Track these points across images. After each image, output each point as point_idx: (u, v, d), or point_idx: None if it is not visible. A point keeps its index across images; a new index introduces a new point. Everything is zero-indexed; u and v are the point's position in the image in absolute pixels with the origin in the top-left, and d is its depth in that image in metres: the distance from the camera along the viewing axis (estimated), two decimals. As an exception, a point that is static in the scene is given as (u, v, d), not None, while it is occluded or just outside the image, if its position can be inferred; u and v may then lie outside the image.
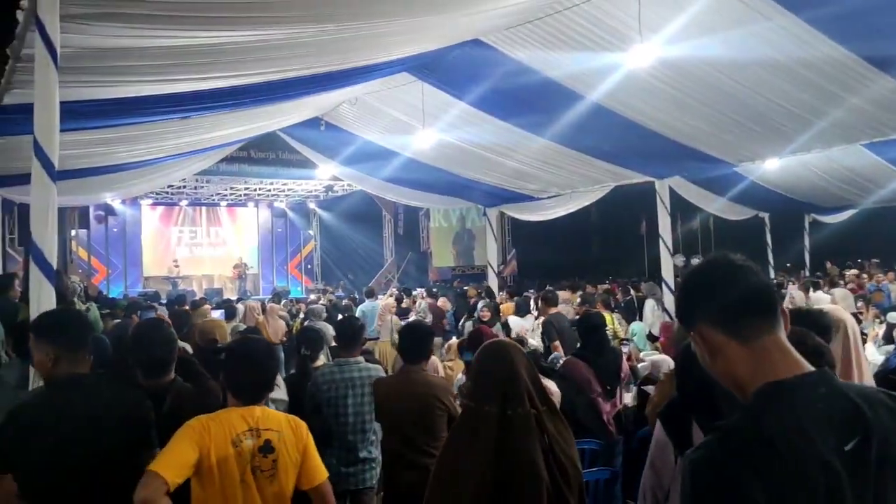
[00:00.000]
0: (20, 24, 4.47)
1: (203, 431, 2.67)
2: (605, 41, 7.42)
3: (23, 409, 2.83)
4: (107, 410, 2.78)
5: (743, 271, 1.50)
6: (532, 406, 2.42)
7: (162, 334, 3.34)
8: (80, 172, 9.87)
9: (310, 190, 23.48)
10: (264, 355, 2.97)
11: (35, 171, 3.99)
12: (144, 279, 23.56)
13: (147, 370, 3.22)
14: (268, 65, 6.62)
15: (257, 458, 2.74)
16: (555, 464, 2.36)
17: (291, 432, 2.85)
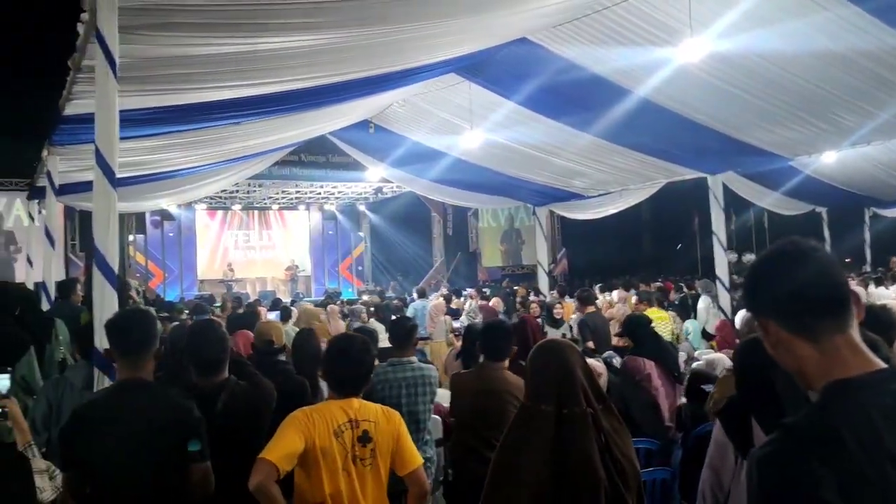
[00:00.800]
0: (80, 37, 4.60)
1: (308, 423, 2.81)
2: (655, 36, 7.33)
3: (81, 412, 2.91)
4: (155, 418, 2.81)
5: (815, 264, 1.40)
6: (588, 405, 2.40)
7: (214, 334, 3.39)
8: (138, 179, 10.12)
9: (359, 192, 23.70)
10: (360, 350, 3.10)
11: (97, 179, 4.10)
12: (200, 282, 24.04)
13: (200, 369, 3.28)
14: (318, 69, 6.70)
15: (357, 448, 2.87)
16: (612, 462, 2.34)
17: (386, 421, 2.99)
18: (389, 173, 15.97)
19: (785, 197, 14.36)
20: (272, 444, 2.74)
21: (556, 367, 2.47)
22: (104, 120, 4.12)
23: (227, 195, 22.36)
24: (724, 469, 2.67)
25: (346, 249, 27.43)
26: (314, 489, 2.81)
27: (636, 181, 12.84)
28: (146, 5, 4.20)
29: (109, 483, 2.75)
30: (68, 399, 3.93)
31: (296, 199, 24.64)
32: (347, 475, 2.83)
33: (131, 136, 6.85)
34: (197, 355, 3.27)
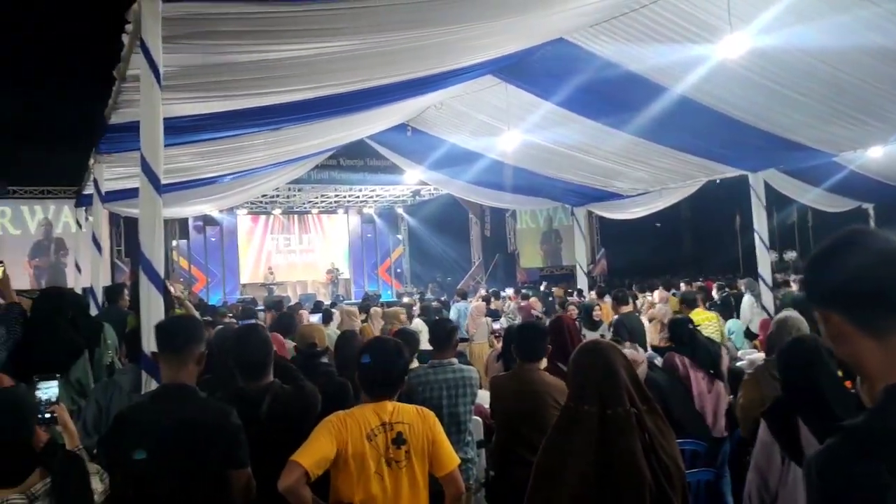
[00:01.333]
0: (125, 47, 4.70)
1: (340, 426, 2.83)
2: (693, 33, 7.26)
3: (122, 416, 2.96)
4: (193, 422, 2.83)
5: (883, 256, 1.31)
6: (632, 405, 2.39)
7: (258, 338, 3.40)
8: (182, 185, 10.32)
9: (397, 195, 23.81)
10: (393, 353, 3.10)
11: (142, 186, 4.18)
12: (242, 286, 24.36)
13: (245, 373, 3.30)
14: (356, 74, 6.77)
15: (391, 451, 2.88)
16: (657, 463, 2.33)
17: (421, 422, 2.99)
18: (427, 176, 16.05)
19: (828, 193, 14.07)
20: (305, 447, 2.77)
21: (598, 367, 2.46)
22: (149, 128, 4.20)
23: (267, 200, 22.62)
24: (770, 471, 2.64)
25: (384, 252, 27.57)
26: (348, 492, 2.83)
27: (676, 180, 12.72)
28: (189, 15, 4.27)
29: (149, 487, 2.79)
30: (117, 401, 4.01)
31: (335, 202, 24.84)
32: (381, 478, 2.84)
33: (175, 143, 6.99)
34: (241, 359, 3.31)
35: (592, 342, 2.71)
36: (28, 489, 2.35)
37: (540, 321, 7.61)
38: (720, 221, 22.33)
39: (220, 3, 4.31)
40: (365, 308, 10.88)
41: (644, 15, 7.17)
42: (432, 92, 9.13)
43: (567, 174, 13.21)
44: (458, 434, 4.31)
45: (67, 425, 2.93)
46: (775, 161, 10.98)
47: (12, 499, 2.32)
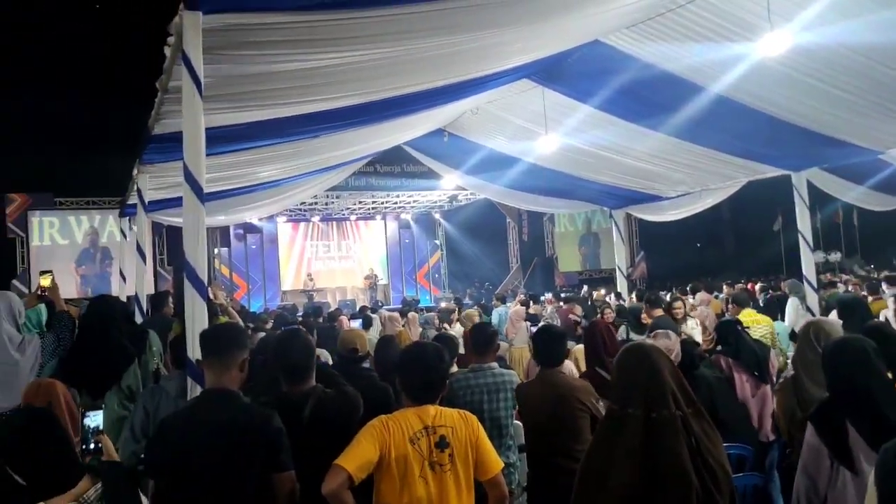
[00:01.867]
0: (167, 60, 4.78)
1: (383, 430, 2.86)
2: (732, 32, 7.17)
3: (166, 422, 3.02)
4: (235, 427, 2.87)
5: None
6: (678, 408, 2.36)
7: (300, 341, 3.43)
8: (223, 194, 10.46)
9: (434, 200, 23.91)
10: (434, 358, 3.12)
11: (185, 195, 4.22)
12: (282, 293, 24.63)
13: (288, 377, 3.33)
14: (392, 81, 6.80)
15: (434, 454, 2.89)
16: (703, 467, 2.29)
17: (464, 426, 3.00)
18: (464, 181, 16.06)
19: (873, 192, 13.74)
20: (348, 451, 2.80)
21: (643, 370, 2.43)
22: (191, 138, 4.24)
23: (306, 207, 22.88)
24: (819, 474, 2.59)
25: (422, 257, 27.68)
26: (392, 496, 2.85)
27: (716, 181, 12.53)
28: (228, 26, 4.32)
29: (193, 491, 2.83)
30: (164, 407, 4.09)
31: (372, 209, 25.02)
32: (425, 482, 2.84)
33: (216, 152, 7.08)
34: (284, 363, 3.34)
35: (636, 345, 2.68)
36: (80, 495, 2.40)
37: (554, 325, 7.58)
38: (761, 222, 22.01)
39: (259, 14, 4.35)
40: (403, 313, 10.92)
41: (681, 15, 7.10)
42: (468, 97, 9.13)
43: (605, 176, 13.11)
44: (500, 438, 4.30)
45: (111, 454, 3.01)
46: (818, 160, 10.76)
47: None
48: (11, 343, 4.38)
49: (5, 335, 4.37)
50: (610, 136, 10.54)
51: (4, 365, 4.32)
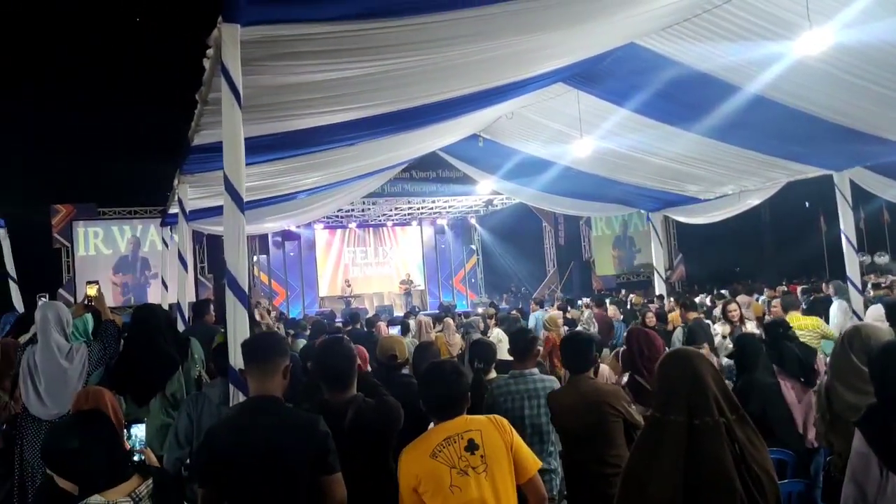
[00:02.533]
0: (207, 71, 4.86)
1: (406, 464, 2.93)
2: (769, 31, 7.07)
3: (213, 430, 3.06)
4: (281, 433, 2.90)
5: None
6: (721, 414, 2.33)
7: (342, 349, 3.45)
8: (262, 202, 10.59)
9: (469, 206, 23.94)
10: (451, 374, 3.12)
11: (226, 204, 4.27)
12: (320, 299, 24.84)
13: (329, 384, 3.35)
14: (428, 88, 6.83)
15: (464, 458, 2.88)
16: (748, 474, 2.26)
17: (494, 428, 2.99)
18: (499, 185, 16.07)
19: (919, 190, 13.41)
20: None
21: (685, 376, 2.41)
22: (231, 148, 4.29)
23: (343, 214, 23.08)
24: (867, 482, 2.53)
25: (458, 262, 27.72)
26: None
27: (755, 182, 12.37)
28: (266, 38, 4.38)
29: (243, 498, 2.87)
30: (207, 414, 4.15)
31: (408, 214, 25.13)
32: (459, 489, 2.82)
33: (255, 161, 7.17)
34: (326, 370, 3.37)
35: (678, 350, 2.65)
36: (132, 491, 2.46)
37: (581, 331, 7.51)
38: (802, 223, 21.63)
39: (296, 25, 4.40)
40: (438, 319, 10.94)
41: (717, 15, 7.02)
42: (503, 102, 9.13)
43: (641, 179, 13.01)
44: (541, 444, 4.28)
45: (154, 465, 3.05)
46: (861, 158, 10.54)
47: (121, 501, 2.43)
48: (60, 351, 4.49)
49: (54, 344, 4.48)
50: (646, 138, 10.47)
51: (54, 373, 4.43)
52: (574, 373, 4.11)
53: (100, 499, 2.41)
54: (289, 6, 4.26)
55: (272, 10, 4.20)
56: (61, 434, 2.58)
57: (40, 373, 4.42)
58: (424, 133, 9.49)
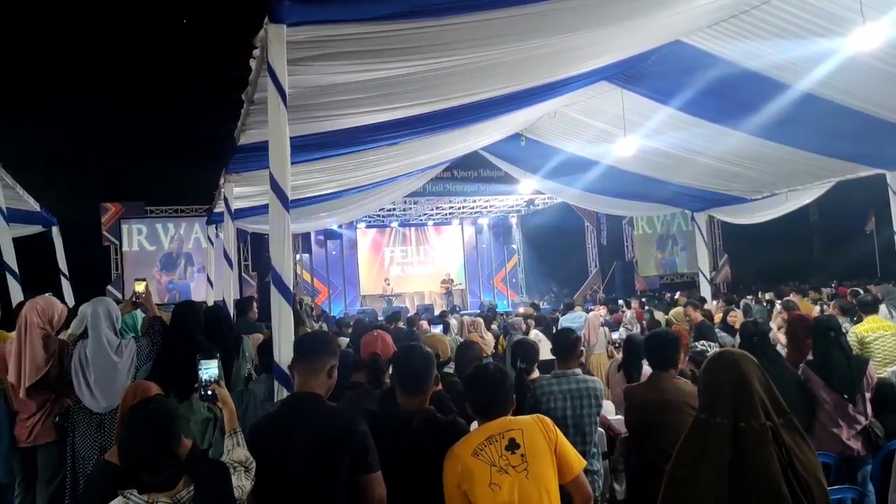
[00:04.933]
0: (253, 72, 4.93)
1: (453, 465, 2.92)
2: (820, 27, 6.94)
3: (256, 426, 3.11)
4: (321, 430, 2.92)
5: None
6: (768, 418, 2.28)
7: (420, 355, 3.40)
8: (306, 201, 10.69)
9: (511, 205, 23.89)
10: (496, 375, 3.13)
11: (272, 203, 4.33)
12: (362, 298, 25.00)
13: (404, 389, 3.30)
14: (470, 87, 6.83)
15: (505, 457, 2.87)
16: (795, 480, 2.21)
17: (537, 426, 2.99)
18: (541, 185, 16.00)
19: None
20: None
21: (730, 378, 2.36)
22: (277, 147, 4.35)
23: (385, 213, 23.20)
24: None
25: (499, 262, 27.67)
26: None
27: (804, 181, 12.12)
28: (312, 38, 4.42)
29: (284, 493, 2.90)
30: (252, 409, 4.21)
31: (449, 214, 25.17)
32: (499, 488, 2.82)
33: (299, 160, 7.24)
34: (401, 375, 3.34)
35: (723, 351, 2.60)
36: (175, 495, 2.50)
37: (669, 330, 7.44)
38: (851, 223, 21.10)
39: (341, 25, 4.43)
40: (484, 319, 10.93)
41: (766, 11, 6.92)
42: (546, 101, 9.09)
43: (686, 178, 12.85)
44: (584, 445, 4.26)
45: (227, 402, 3.11)
46: (916, 157, 10.29)
47: (161, 501, 2.46)
48: (110, 346, 4.59)
49: (105, 339, 4.58)
50: (691, 136, 10.34)
51: (105, 366, 4.52)
52: (657, 370, 4.10)
53: (140, 497, 2.46)
54: (333, 7, 4.29)
55: (317, 11, 4.24)
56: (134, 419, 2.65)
57: (91, 367, 4.52)
58: (466, 132, 9.49)
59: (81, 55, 17.85)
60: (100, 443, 4.37)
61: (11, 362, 4.68)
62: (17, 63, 16.89)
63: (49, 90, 17.43)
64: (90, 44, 17.92)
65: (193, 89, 17.75)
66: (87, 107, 17.97)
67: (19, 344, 4.68)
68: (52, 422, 4.73)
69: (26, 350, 4.65)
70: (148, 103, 18.15)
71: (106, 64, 18.11)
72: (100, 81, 18.15)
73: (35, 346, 4.67)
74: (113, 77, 18.03)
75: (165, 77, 18.29)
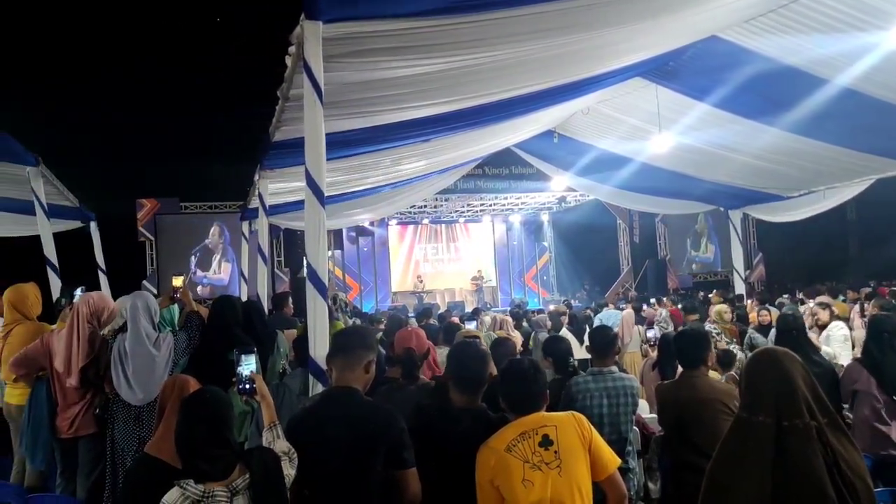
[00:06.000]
0: (289, 68, 4.96)
1: (486, 458, 2.92)
2: (861, 20, 6.80)
3: (293, 421, 3.13)
4: (357, 425, 2.92)
5: None
6: (812, 418, 2.23)
7: (477, 353, 3.41)
8: (338, 198, 10.75)
9: (542, 202, 23.80)
10: (529, 370, 3.13)
11: (307, 198, 4.35)
12: (393, 294, 25.10)
13: (459, 386, 3.30)
14: (504, 83, 6.81)
15: (538, 454, 2.87)
16: (840, 480, 2.16)
17: (570, 424, 2.98)
18: (574, 182, 15.92)
19: None
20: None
21: (773, 376, 2.32)
22: (312, 143, 4.36)
23: (416, 210, 23.26)
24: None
25: (530, 259, 27.60)
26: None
27: (841, 178, 11.90)
28: (347, 34, 4.43)
29: (320, 487, 2.91)
30: (287, 403, 4.23)
31: (480, 211, 25.14)
32: (532, 484, 2.81)
33: (333, 157, 7.28)
34: (457, 373, 3.34)
35: (766, 349, 2.56)
36: (230, 483, 2.53)
37: (700, 327, 7.40)
38: (890, 221, 20.67)
39: (376, 21, 4.44)
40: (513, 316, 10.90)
41: (804, 5, 6.79)
42: (579, 97, 9.03)
43: (721, 176, 12.69)
44: (620, 443, 4.22)
45: (266, 396, 3.12)
46: (959, 153, 10.05)
47: (217, 490, 2.49)
48: (149, 339, 4.65)
49: (143, 332, 4.65)
50: (727, 133, 10.21)
51: (143, 359, 4.59)
52: (686, 368, 4.08)
53: (197, 487, 2.49)
54: (368, 3, 4.31)
55: (353, 7, 4.26)
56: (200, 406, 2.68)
57: (129, 359, 4.59)
58: (499, 129, 9.47)
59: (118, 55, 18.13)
60: (138, 435, 4.44)
61: (61, 351, 4.77)
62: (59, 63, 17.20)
63: (88, 89, 17.72)
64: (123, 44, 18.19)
65: (229, 86, 17.94)
66: (123, 106, 18.25)
67: (70, 333, 4.78)
68: (92, 413, 4.82)
69: (77, 340, 4.75)
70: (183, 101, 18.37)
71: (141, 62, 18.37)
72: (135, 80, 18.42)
73: (83, 338, 4.76)
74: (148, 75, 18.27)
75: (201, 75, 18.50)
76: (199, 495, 2.47)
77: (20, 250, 10.36)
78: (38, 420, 4.90)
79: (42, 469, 4.98)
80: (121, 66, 18.07)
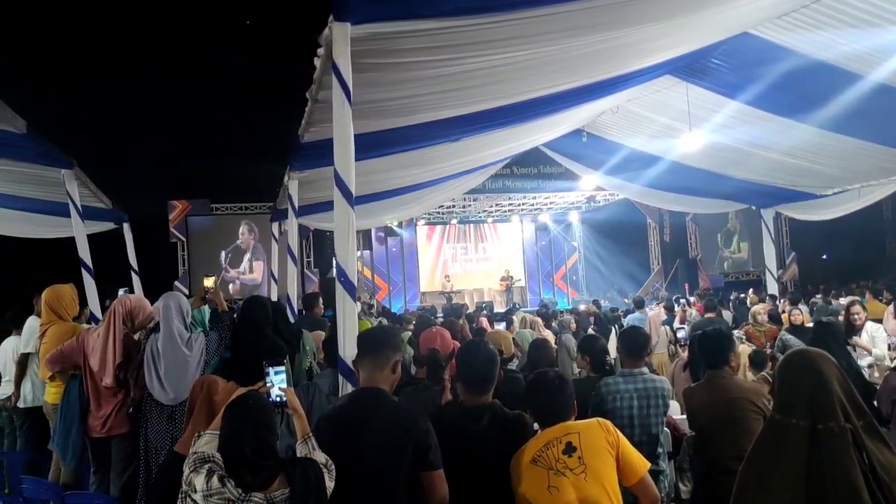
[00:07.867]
0: (318, 70, 4.98)
1: (516, 468, 2.96)
2: (894, 15, 6.69)
3: (321, 421, 3.15)
4: (384, 426, 2.93)
5: None
6: (847, 421, 2.19)
7: (483, 353, 3.39)
8: (367, 198, 10.78)
9: (571, 202, 23.68)
10: (556, 382, 3.16)
11: (336, 199, 4.36)
12: (421, 294, 25.13)
13: (468, 386, 3.31)
14: (533, 82, 6.79)
15: (562, 461, 2.88)
16: (876, 485, 2.11)
17: (596, 429, 3.00)
18: (604, 181, 15.83)
19: None
20: None
21: (807, 378, 2.28)
22: (341, 145, 4.36)
23: (444, 210, 23.26)
24: None
25: (559, 259, 27.48)
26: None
27: (878, 176, 11.68)
28: (376, 35, 4.44)
29: (347, 487, 2.89)
30: (317, 403, 4.27)
31: (508, 211, 25.08)
32: (557, 490, 2.83)
33: (362, 157, 7.30)
34: (465, 373, 3.34)
35: (800, 350, 2.51)
36: (269, 494, 2.53)
37: (721, 327, 7.30)
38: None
39: (404, 22, 4.45)
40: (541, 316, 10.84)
41: (837, 0, 6.70)
42: (608, 96, 8.98)
43: (753, 174, 12.55)
44: (651, 445, 4.18)
45: (297, 409, 3.07)
46: None
47: (255, 497, 2.50)
48: (181, 339, 4.70)
49: (176, 332, 4.70)
50: (759, 131, 10.09)
51: (175, 359, 4.64)
52: (711, 369, 4.07)
53: (236, 489, 2.50)
54: (396, 4, 4.31)
55: (382, 8, 4.27)
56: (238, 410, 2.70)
57: (161, 359, 4.64)
58: (528, 128, 9.43)
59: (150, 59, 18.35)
60: (171, 434, 4.49)
61: (97, 350, 4.84)
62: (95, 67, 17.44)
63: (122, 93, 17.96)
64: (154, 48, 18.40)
65: (259, 88, 18.08)
66: (155, 108, 18.46)
67: (106, 333, 4.85)
68: (125, 413, 4.88)
69: (112, 339, 4.82)
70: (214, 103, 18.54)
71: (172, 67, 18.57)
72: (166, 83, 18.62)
73: (119, 337, 4.83)
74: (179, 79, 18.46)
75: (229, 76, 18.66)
76: (236, 497, 2.48)
77: (56, 252, 10.52)
78: (69, 417, 4.98)
79: (73, 466, 5.06)
80: (153, 71, 18.28)
